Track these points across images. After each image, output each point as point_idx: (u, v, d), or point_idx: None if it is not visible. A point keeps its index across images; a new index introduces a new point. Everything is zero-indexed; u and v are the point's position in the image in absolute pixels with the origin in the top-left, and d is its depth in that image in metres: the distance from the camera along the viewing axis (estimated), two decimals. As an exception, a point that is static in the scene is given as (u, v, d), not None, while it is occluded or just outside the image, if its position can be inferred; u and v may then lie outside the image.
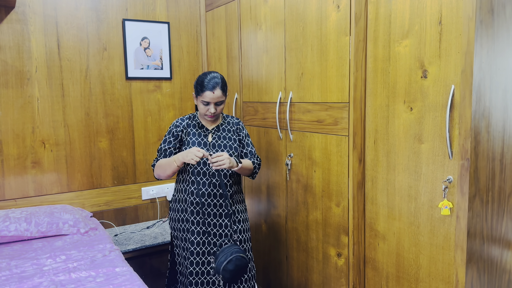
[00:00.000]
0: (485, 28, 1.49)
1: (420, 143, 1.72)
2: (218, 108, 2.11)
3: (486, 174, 1.59)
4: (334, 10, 2.00)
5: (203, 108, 2.10)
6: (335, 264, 2.15)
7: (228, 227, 2.14)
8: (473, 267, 1.59)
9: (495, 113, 1.58)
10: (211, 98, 2.06)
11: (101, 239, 2.38)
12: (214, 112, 2.09)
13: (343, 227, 2.07)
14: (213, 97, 2.06)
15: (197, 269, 2.13)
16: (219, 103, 2.10)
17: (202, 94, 2.07)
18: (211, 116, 2.12)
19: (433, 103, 1.65)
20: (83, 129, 2.83)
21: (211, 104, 2.08)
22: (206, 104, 2.09)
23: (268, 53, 2.50)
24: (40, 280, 1.87)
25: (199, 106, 2.12)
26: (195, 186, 2.12)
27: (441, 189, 1.65)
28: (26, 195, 2.68)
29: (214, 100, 2.07)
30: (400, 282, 1.87)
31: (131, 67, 2.97)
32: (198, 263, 2.12)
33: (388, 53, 1.83)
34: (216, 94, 2.06)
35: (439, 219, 1.67)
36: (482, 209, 1.59)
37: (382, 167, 1.90)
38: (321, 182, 2.19)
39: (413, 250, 1.79)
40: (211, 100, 2.07)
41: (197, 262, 2.12)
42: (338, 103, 2.03)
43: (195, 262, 2.12)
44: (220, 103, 2.11)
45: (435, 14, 1.62)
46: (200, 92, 2.08)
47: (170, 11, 3.12)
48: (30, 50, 2.62)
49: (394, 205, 1.86)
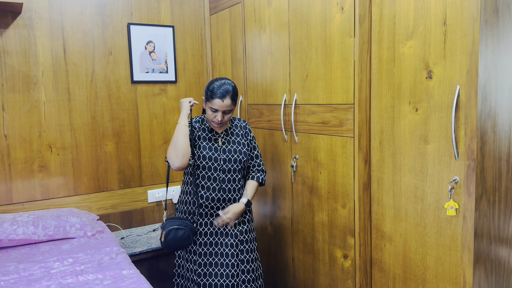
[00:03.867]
0: (490, 28, 1.49)
1: (426, 143, 1.71)
2: (225, 116, 2.10)
3: (493, 175, 1.58)
4: (338, 12, 2.00)
5: (211, 115, 2.10)
6: (341, 265, 2.15)
7: (234, 228, 2.16)
8: (480, 268, 1.58)
9: (501, 113, 1.58)
10: (220, 106, 2.05)
11: (108, 242, 2.40)
12: (221, 120, 2.09)
13: (349, 229, 2.07)
14: (222, 105, 2.05)
15: (205, 271, 2.15)
16: (228, 111, 2.10)
17: (212, 101, 2.06)
18: (217, 123, 2.11)
19: (438, 104, 1.65)
20: (89, 133, 2.85)
21: (219, 112, 2.07)
22: (214, 111, 2.08)
23: (273, 55, 2.51)
24: (48, 283, 1.88)
25: (207, 112, 2.11)
26: (205, 190, 2.13)
27: (447, 190, 1.64)
28: (33, 198, 2.70)
29: (222, 108, 2.06)
30: (407, 283, 1.86)
31: (137, 70, 2.99)
32: (202, 263, 2.15)
33: (392, 54, 1.83)
34: (225, 102, 2.05)
35: (446, 219, 1.67)
36: (489, 209, 1.59)
37: (388, 168, 1.90)
38: (327, 184, 2.19)
39: (419, 251, 1.79)
40: (220, 108, 2.06)
41: (205, 263, 2.15)
42: (343, 105, 2.03)
43: (202, 263, 2.15)
44: (229, 112, 2.10)
45: (440, 14, 1.62)
46: (210, 98, 2.07)
47: (175, 14, 3.14)
48: (36, 55, 2.64)
49: (400, 206, 1.86)
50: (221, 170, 2.13)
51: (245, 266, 2.18)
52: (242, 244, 2.19)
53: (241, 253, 2.18)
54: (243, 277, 2.17)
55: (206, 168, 2.12)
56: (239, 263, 2.17)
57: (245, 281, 2.18)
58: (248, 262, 2.19)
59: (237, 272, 2.16)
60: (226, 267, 2.15)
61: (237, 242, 2.17)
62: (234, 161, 2.16)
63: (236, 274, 2.16)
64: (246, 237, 2.20)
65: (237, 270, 2.17)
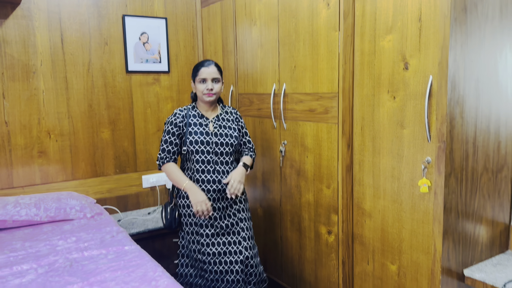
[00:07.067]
0: (459, 25, 1.68)
1: (402, 128, 1.90)
2: (215, 86, 2.20)
3: (461, 155, 1.78)
4: (325, 8, 2.17)
5: (201, 87, 2.19)
6: (326, 241, 2.34)
7: (232, 216, 2.27)
8: (449, 239, 1.79)
9: (468, 101, 1.77)
10: (207, 73, 2.17)
11: (107, 223, 2.54)
12: (212, 88, 2.18)
13: (333, 207, 2.26)
14: (209, 71, 2.18)
15: (214, 250, 2.23)
16: (216, 80, 2.21)
17: (198, 73, 2.19)
18: (209, 95, 2.19)
19: (413, 92, 1.84)
20: (86, 120, 2.97)
21: (208, 81, 2.18)
22: (203, 82, 2.19)
23: (263, 47, 2.66)
24: (56, 258, 2.02)
25: (198, 89, 2.21)
26: (200, 173, 2.21)
27: (421, 169, 1.84)
28: (33, 183, 2.82)
29: (210, 75, 2.18)
30: (385, 255, 2.06)
31: (131, 61, 3.11)
32: (210, 244, 2.23)
33: (373, 47, 2.00)
34: (211, 69, 2.18)
35: (419, 196, 1.86)
36: (457, 186, 1.79)
37: (368, 151, 2.09)
38: (313, 167, 2.37)
39: (396, 225, 1.99)
40: (207, 76, 2.17)
41: (213, 242, 2.23)
42: (328, 93, 2.20)
43: (211, 242, 2.23)
44: (217, 81, 2.21)
45: (416, 11, 1.80)
46: (196, 72, 2.21)
47: (168, 7, 3.26)
48: (35, 45, 2.75)
49: (379, 185, 2.05)
50: (214, 152, 2.21)
51: (247, 243, 2.27)
52: (241, 222, 2.29)
53: (241, 230, 2.28)
54: (247, 254, 2.26)
55: (200, 152, 2.20)
56: (241, 240, 2.26)
57: (249, 257, 2.27)
58: (245, 239, 2.28)
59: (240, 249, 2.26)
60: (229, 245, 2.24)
61: (237, 221, 2.28)
62: (226, 144, 2.24)
63: (239, 251, 2.25)
64: (242, 225, 2.29)
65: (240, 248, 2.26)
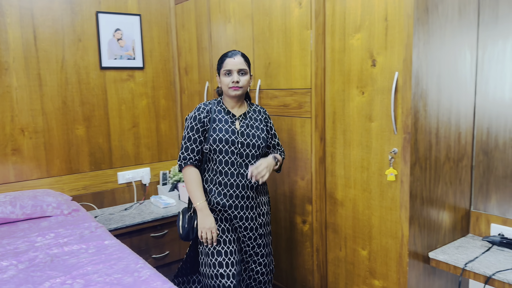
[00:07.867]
0: (422, 25, 1.80)
1: (370, 121, 2.02)
2: (242, 79, 1.99)
3: (424, 146, 1.91)
4: (297, 7, 2.26)
5: (227, 80, 1.99)
6: (300, 230, 2.45)
7: (254, 219, 2.10)
8: (415, 224, 1.92)
9: (431, 95, 1.91)
10: (232, 64, 1.98)
11: (85, 219, 2.55)
12: (238, 81, 1.98)
13: (307, 198, 2.36)
14: (235, 62, 1.98)
15: (226, 260, 2.03)
16: (242, 72, 2.00)
17: (223, 64, 2.00)
18: (235, 88, 1.99)
19: (380, 88, 1.96)
20: (60, 117, 2.96)
21: (233, 73, 1.98)
22: (229, 74, 1.99)
23: (238, 44, 2.73)
24: (35, 254, 2.03)
25: (223, 83, 2.01)
26: (222, 176, 2.02)
27: (388, 159, 1.96)
28: (7, 180, 2.79)
29: (236, 66, 1.98)
30: (356, 241, 2.18)
31: (105, 57, 3.12)
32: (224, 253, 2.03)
33: (343, 45, 2.11)
34: (237, 60, 1.98)
35: (387, 184, 1.99)
36: (422, 174, 1.92)
37: (340, 144, 2.20)
38: (288, 160, 2.47)
39: (366, 212, 2.11)
40: (233, 67, 1.98)
41: (225, 251, 2.03)
42: (302, 89, 2.30)
43: (223, 252, 2.03)
44: (244, 73, 2.01)
45: (382, 11, 1.91)
46: (220, 64, 2.02)
47: (141, 3, 3.28)
48: (7, 42, 2.72)
49: (350, 176, 2.17)
50: (239, 154, 2.01)
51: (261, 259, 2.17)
52: (260, 238, 2.13)
53: (258, 246, 2.13)
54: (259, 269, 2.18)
55: (223, 152, 1.99)
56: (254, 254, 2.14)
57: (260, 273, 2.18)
58: (263, 256, 2.17)
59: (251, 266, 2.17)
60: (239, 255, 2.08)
61: (256, 236, 2.11)
62: (253, 146, 2.03)
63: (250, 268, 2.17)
64: (263, 230, 2.15)
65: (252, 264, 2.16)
